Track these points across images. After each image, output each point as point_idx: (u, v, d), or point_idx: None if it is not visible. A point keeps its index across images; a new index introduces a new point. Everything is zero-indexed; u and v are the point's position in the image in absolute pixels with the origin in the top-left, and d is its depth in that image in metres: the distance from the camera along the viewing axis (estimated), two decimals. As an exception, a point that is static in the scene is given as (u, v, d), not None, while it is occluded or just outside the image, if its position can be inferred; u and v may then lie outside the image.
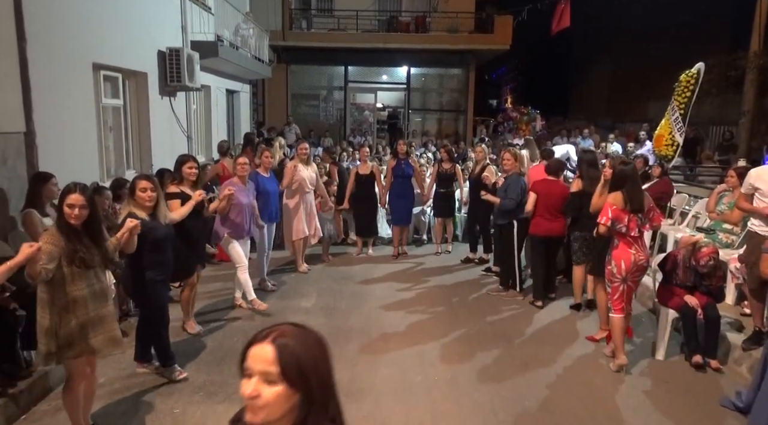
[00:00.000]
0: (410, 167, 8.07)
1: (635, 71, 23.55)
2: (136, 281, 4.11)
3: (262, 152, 6.82)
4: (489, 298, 6.50)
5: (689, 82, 8.77)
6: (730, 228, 6.00)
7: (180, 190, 4.90)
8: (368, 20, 19.21)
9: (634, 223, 4.49)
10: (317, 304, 6.17)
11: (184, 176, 4.96)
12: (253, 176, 6.33)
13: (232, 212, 5.61)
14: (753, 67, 13.47)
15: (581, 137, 14.46)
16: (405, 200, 8.09)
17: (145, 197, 3.98)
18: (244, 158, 6.05)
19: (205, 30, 10.39)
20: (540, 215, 6.08)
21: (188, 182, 4.96)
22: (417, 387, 4.35)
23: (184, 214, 4.62)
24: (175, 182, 4.98)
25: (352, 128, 20.26)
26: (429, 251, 8.50)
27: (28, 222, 4.51)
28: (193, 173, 4.96)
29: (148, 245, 3.97)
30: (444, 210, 8.26)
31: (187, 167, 4.96)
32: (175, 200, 4.79)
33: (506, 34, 18.33)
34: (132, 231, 3.66)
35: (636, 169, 4.97)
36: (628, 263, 4.50)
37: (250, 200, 5.84)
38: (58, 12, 5.81)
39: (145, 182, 4.00)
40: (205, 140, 11.56)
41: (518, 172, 6.58)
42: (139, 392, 4.13)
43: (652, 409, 4.09)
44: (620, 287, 4.59)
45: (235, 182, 5.72)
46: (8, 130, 4.97)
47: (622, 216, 4.48)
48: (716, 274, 4.81)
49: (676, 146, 9.01)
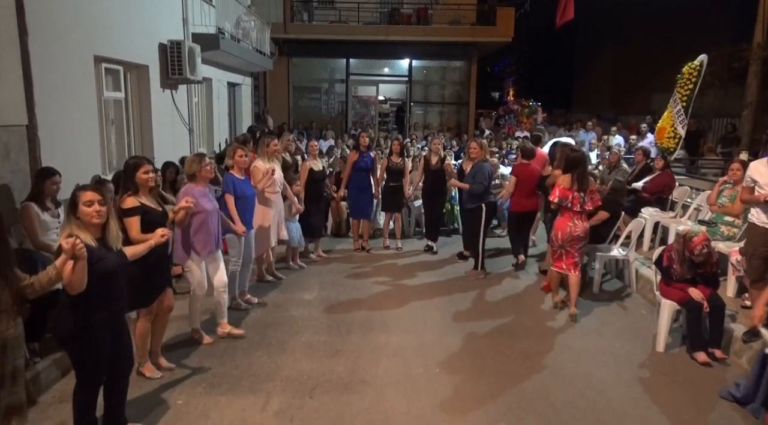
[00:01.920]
0: (371, 160, 7.95)
1: (638, 63, 23.43)
2: (76, 326, 3.04)
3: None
4: (490, 291, 6.52)
5: (692, 74, 8.74)
6: (732, 221, 6.00)
7: (139, 203, 3.90)
8: (370, 12, 19.14)
9: (576, 201, 5.49)
10: (319, 297, 6.19)
11: (139, 183, 3.94)
12: (227, 179, 5.49)
13: (194, 223, 4.64)
14: (756, 59, 13.39)
15: (584, 130, 14.42)
16: (365, 194, 7.94)
17: (92, 214, 3.03)
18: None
19: (207, 22, 10.38)
20: (518, 195, 7.16)
21: (145, 189, 3.99)
22: (418, 378, 4.38)
23: (138, 254, 3.57)
24: (130, 192, 3.91)
25: (354, 120, 20.24)
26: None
27: (24, 215, 4.53)
28: (150, 179, 3.99)
29: (95, 280, 3.00)
30: (392, 204, 8.16)
31: (143, 173, 3.94)
32: (133, 217, 3.84)
33: (508, 27, 18.27)
34: (78, 254, 2.81)
35: (584, 156, 6.16)
36: (564, 233, 5.57)
37: (215, 205, 4.86)
38: (59, 5, 5.80)
39: (90, 194, 3.04)
40: (206, 132, 11.56)
41: (483, 159, 7.06)
42: (142, 383, 4.16)
43: (652, 401, 4.12)
44: (558, 251, 5.72)
45: (195, 186, 4.70)
46: (10, 123, 4.98)
47: (567, 194, 5.52)
48: (710, 260, 4.84)
49: (679, 138, 8.99)
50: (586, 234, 5.66)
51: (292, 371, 4.44)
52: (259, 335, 5.11)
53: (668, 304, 4.92)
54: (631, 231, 6.61)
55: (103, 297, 3.11)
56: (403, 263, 7.62)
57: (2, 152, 4.86)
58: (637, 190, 7.84)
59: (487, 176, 6.86)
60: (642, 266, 6.60)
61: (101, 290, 3.07)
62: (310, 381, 4.28)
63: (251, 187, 5.73)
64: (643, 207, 7.65)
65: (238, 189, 5.46)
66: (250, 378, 4.32)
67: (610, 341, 5.16)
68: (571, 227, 5.54)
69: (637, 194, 7.84)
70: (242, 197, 5.48)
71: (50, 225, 4.64)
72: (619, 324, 5.61)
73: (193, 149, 9.92)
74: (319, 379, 4.31)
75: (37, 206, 4.59)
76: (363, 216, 8.09)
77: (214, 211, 4.78)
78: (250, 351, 4.77)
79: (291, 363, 4.57)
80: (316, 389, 4.16)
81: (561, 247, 5.66)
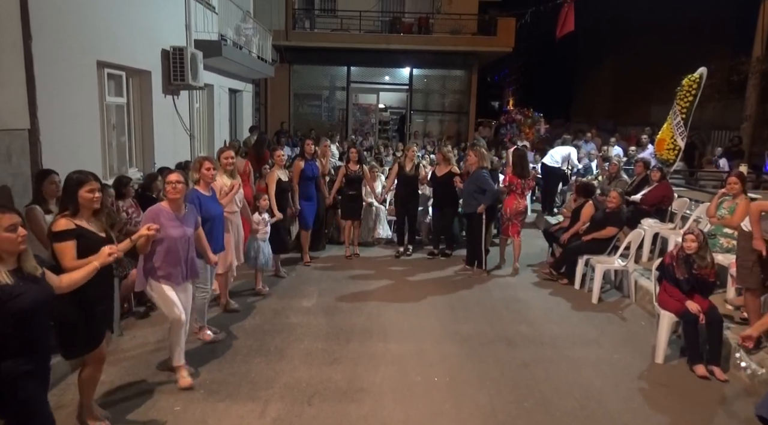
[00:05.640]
0: (317, 169, 7.66)
1: (638, 75, 23.59)
2: None
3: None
4: (489, 300, 6.51)
5: (692, 86, 8.78)
6: (731, 233, 6.00)
7: (76, 225, 3.26)
8: (371, 21, 19.23)
9: (519, 185, 7.38)
10: (318, 304, 6.18)
11: (81, 203, 3.32)
12: (192, 195, 4.64)
13: (159, 252, 4.00)
14: (755, 72, 13.49)
15: (584, 141, 14.47)
16: (311, 203, 7.57)
17: (11, 241, 2.56)
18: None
19: (209, 29, 10.44)
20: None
21: (88, 211, 3.36)
22: (417, 387, 4.37)
23: (78, 282, 3.00)
24: (67, 213, 3.30)
25: (354, 128, 20.29)
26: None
27: (31, 218, 4.53)
28: (95, 199, 3.35)
29: (11, 320, 2.51)
30: (352, 212, 8.07)
31: (86, 191, 3.31)
32: (64, 242, 3.19)
33: (509, 37, 18.36)
34: None
35: (525, 152, 8.59)
36: (511, 208, 7.37)
37: (185, 231, 4.12)
38: (63, 10, 5.84)
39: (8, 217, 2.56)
40: (207, 138, 11.59)
41: (481, 167, 7.44)
42: (140, 390, 4.14)
43: (651, 412, 4.11)
44: (506, 222, 7.48)
45: (164, 207, 4.07)
46: (12, 127, 4.99)
47: (514, 180, 7.40)
48: (704, 263, 4.81)
49: (678, 150, 9.02)
50: (525, 209, 7.61)
51: (291, 378, 4.42)
52: (257, 342, 5.10)
53: (667, 315, 4.91)
54: (631, 242, 6.62)
55: (18, 342, 2.55)
56: (403, 270, 7.62)
57: (4, 155, 4.87)
58: (636, 201, 7.86)
59: (485, 181, 7.26)
60: (641, 277, 6.60)
61: (17, 332, 2.53)
62: (308, 388, 4.27)
63: (219, 204, 5.05)
64: (643, 218, 7.67)
65: (204, 208, 4.68)
66: (249, 385, 4.31)
67: (609, 351, 5.15)
68: (516, 204, 7.31)
69: (636, 206, 7.87)
70: (206, 216, 4.72)
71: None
72: (618, 334, 5.60)
73: (194, 155, 9.94)
74: (318, 387, 4.30)
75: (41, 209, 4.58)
76: (305, 227, 7.64)
77: (182, 238, 4.08)
78: (248, 358, 4.76)
79: (289, 371, 4.55)
80: (314, 396, 4.15)
81: (509, 219, 7.40)
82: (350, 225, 8.20)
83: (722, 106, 15.46)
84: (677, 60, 15.78)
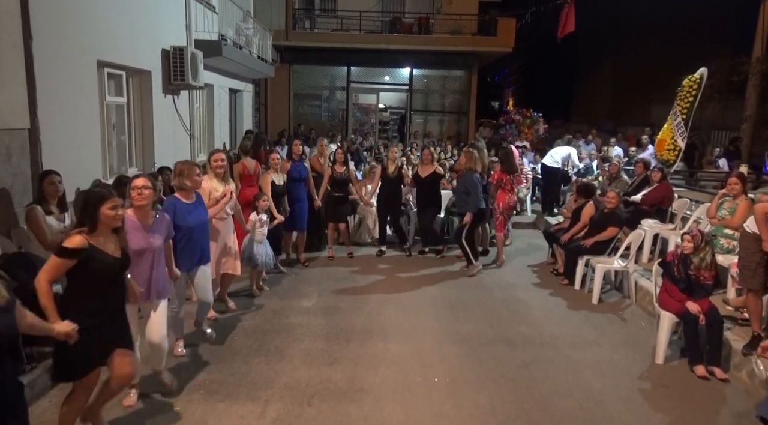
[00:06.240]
0: (305, 170, 7.52)
1: (638, 75, 23.61)
2: None
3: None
4: (489, 300, 6.51)
5: (692, 87, 8.78)
6: (731, 233, 6.00)
7: (90, 244, 3.03)
8: (371, 21, 19.22)
9: (508, 181, 7.79)
10: (318, 304, 6.17)
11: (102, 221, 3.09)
12: (168, 203, 4.35)
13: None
14: (755, 72, 13.49)
15: (583, 142, 14.48)
16: (300, 205, 7.41)
17: None
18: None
19: (209, 29, 10.44)
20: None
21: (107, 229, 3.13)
22: (417, 387, 4.36)
23: (33, 329, 2.76)
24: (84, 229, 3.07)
25: (354, 128, 20.29)
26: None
27: (30, 218, 4.53)
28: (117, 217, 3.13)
29: None
30: (337, 214, 7.98)
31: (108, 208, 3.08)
32: (64, 259, 2.97)
33: (509, 37, 18.35)
34: None
35: (511, 149, 8.63)
36: (504, 203, 7.78)
37: (150, 243, 3.67)
38: (63, 10, 5.83)
39: None
40: (207, 138, 11.59)
41: (469, 168, 7.40)
42: (140, 390, 4.14)
43: (651, 413, 4.11)
44: (500, 217, 7.83)
45: (129, 215, 3.53)
46: (13, 126, 4.99)
47: (502, 176, 7.82)
48: (704, 256, 4.82)
49: (678, 150, 9.02)
50: (514, 204, 8.19)
51: (291, 378, 4.42)
52: (257, 342, 5.09)
53: (667, 316, 4.91)
54: (631, 243, 6.62)
55: None
56: (402, 270, 7.61)
57: (4, 155, 4.87)
58: (636, 202, 7.86)
59: (479, 183, 7.33)
60: (641, 278, 6.60)
61: None
62: (308, 388, 4.27)
63: (202, 212, 4.58)
64: (643, 219, 7.67)
65: (178, 217, 4.26)
66: (248, 385, 4.30)
67: (609, 352, 5.15)
68: (507, 199, 7.79)
69: (636, 206, 7.87)
70: (184, 227, 4.31)
71: (54, 229, 4.64)
72: (618, 335, 5.60)
73: (194, 155, 9.94)
74: (318, 387, 4.30)
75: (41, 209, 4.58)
76: (295, 228, 7.51)
77: (146, 250, 3.66)
78: (248, 358, 4.76)
79: (289, 371, 4.55)
80: (314, 397, 4.15)
81: (501, 213, 7.80)
82: (333, 227, 8.09)
83: (722, 106, 15.47)
84: (677, 60, 15.79)
